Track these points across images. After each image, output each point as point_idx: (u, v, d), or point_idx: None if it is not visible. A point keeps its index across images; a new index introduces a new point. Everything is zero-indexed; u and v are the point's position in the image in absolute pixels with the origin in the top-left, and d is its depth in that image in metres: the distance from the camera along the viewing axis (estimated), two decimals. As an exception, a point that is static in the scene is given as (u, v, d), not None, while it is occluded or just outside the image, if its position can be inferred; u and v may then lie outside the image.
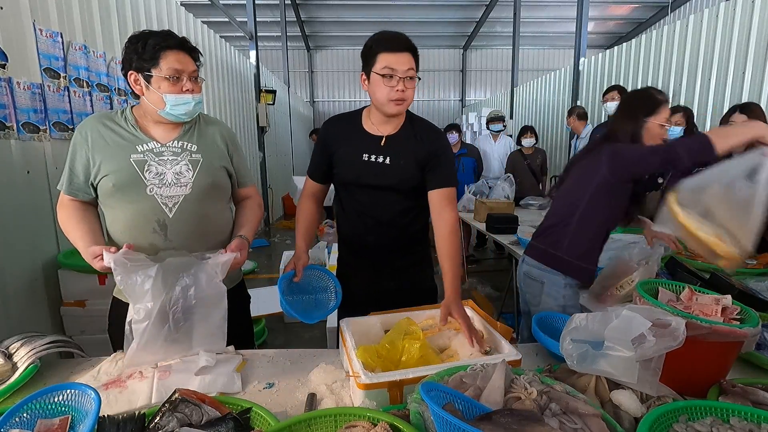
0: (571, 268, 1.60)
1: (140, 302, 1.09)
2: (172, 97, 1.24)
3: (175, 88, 1.24)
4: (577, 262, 1.59)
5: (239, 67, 6.12)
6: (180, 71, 1.24)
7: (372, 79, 1.33)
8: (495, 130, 5.21)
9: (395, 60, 1.28)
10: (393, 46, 1.29)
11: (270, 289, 3.38)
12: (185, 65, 1.25)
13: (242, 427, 0.84)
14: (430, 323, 1.29)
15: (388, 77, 1.29)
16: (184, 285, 1.12)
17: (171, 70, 1.22)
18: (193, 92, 1.27)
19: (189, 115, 1.29)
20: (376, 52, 1.30)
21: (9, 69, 2.02)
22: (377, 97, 1.33)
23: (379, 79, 1.30)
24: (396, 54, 1.28)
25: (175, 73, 1.23)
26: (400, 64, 1.28)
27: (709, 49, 3.85)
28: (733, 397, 0.89)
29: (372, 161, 1.41)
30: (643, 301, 1.06)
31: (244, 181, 1.48)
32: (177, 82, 1.24)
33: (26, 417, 0.83)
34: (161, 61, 1.21)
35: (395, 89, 1.30)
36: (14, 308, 2.01)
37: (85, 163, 1.26)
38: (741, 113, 2.27)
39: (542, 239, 1.70)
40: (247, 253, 1.33)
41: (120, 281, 1.09)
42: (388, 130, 1.42)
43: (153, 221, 1.27)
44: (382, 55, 1.29)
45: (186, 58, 1.26)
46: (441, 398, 0.79)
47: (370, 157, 1.41)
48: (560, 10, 10.75)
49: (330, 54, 13.51)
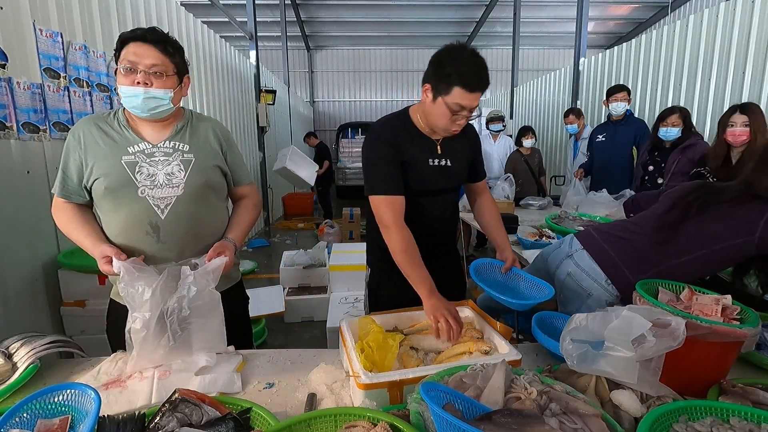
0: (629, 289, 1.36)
1: (138, 311, 1.09)
2: (123, 88, 1.20)
3: (126, 80, 1.19)
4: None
5: (239, 67, 6.11)
6: (134, 63, 1.18)
7: (438, 103, 1.27)
8: (495, 130, 5.20)
9: (469, 100, 1.25)
10: (473, 86, 1.23)
11: (270, 289, 3.39)
12: (141, 57, 1.18)
13: (242, 427, 0.84)
14: (430, 323, 1.29)
15: (457, 113, 1.27)
16: (179, 296, 1.11)
17: (124, 61, 1.19)
18: (148, 86, 1.19)
19: (140, 110, 1.22)
20: (453, 82, 1.23)
21: (9, 69, 2.02)
22: (437, 122, 1.32)
23: (447, 111, 1.27)
24: (472, 94, 1.24)
25: (128, 64, 1.18)
26: (471, 102, 1.26)
27: (709, 49, 3.85)
28: (733, 397, 0.89)
29: (437, 165, 1.40)
30: (643, 301, 1.06)
31: (240, 180, 1.46)
32: (130, 73, 1.19)
33: (26, 417, 0.83)
34: (122, 52, 1.20)
35: (457, 123, 1.29)
36: (14, 308, 2.01)
37: (78, 166, 1.25)
38: (741, 113, 2.27)
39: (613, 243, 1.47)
40: (233, 255, 1.31)
41: (122, 288, 1.10)
42: (439, 135, 1.41)
43: (145, 223, 1.25)
44: (458, 90, 1.23)
45: (146, 50, 1.19)
46: (441, 398, 0.79)
47: (433, 161, 1.40)
48: (560, 10, 10.75)
49: (330, 54, 13.51)
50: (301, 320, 3.41)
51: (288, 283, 3.60)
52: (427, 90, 1.30)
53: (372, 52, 13.41)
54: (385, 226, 1.33)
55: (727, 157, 2.33)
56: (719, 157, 2.33)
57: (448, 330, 1.16)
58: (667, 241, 1.36)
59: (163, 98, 1.23)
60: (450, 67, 1.23)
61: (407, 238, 1.31)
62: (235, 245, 1.36)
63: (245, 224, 1.44)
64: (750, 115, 2.24)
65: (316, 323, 3.36)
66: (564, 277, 1.54)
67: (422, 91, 1.32)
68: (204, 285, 1.14)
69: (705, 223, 1.33)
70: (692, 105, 3.97)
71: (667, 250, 1.36)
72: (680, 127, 2.85)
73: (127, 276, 1.10)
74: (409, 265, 1.28)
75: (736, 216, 1.30)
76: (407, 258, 1.29)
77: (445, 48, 1.28)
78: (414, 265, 1.28)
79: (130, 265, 1.12)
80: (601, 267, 1.45)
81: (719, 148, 2.34)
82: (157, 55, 1.20)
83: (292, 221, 7.58)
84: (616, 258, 1.44)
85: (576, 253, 1.52)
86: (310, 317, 3.42)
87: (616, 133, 3.84)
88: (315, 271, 3.60)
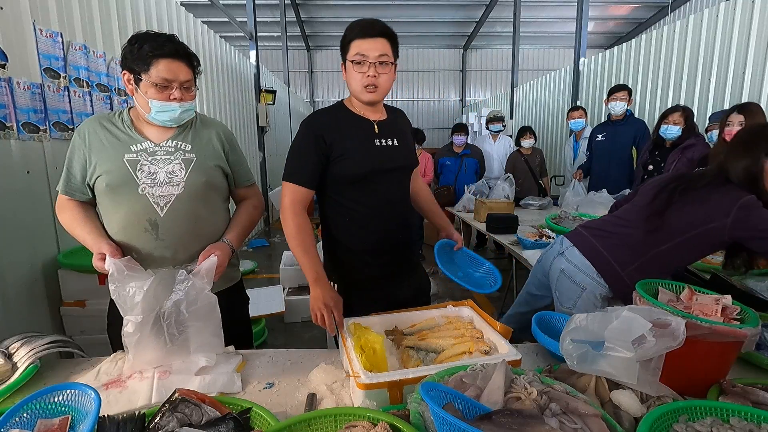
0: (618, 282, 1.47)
1: (130, 314, 1.08)
2: (158, 103, 1.22)
3: (161, 95, 1.22)
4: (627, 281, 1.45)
5: (239, 67, 6.12)
6: (169, 80, 1.22)
7: (348, 68, 1.31)
8: (494, 130, 5.20)
9: (367, 46, 1.26)
10: (365, 32, 1.27)
11: (270, 289, 3.38)
12: (176, 74, 1.22)
13: (242, 427, 0.84)
14: (431, 323, 1.29)
15: (359, 63, 1.27)
16: (175, 300, 1.11)
17: (160, 78, 1.20)
18: (182, 100, 1.25)
19: (174, 121, 1.29)
20: (349, 39, 1.28)
21: (9, 69, 2.02)
22: (354, 86, 1.32)
23: (353, 67, 1.29)
24: (368, 40, 1.26)
25: (164, 82, 1.21)
26: (371, 50, 1.26)
27: (709, 49, 3.85)
28: (733, 397, 0.89)
29: (385, 145, 1.38)
30: (644, 301, 1.06)
31: (241, 181, 1.47)
32: (165, 89, 1.22)
33: (26, 417, 0.83)
34: (152, 67, 1.20)
35: (366, 75, 1.28)
36: (14, 308, 2.01)
37: (82, 164, 1.27)
38: (740, 113, 2.27)
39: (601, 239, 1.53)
40: (227, 255, 1.31)
41: (113, 290, 1.09)
42: (378, 117, 1.41)
43: (144, 221, 1.26)
44: (355, 42, 1.27)
45: (179, 67, 1.23)
46: (441, 398, 0.79)
47: (379, 141, 1.38)
48: (560, 10, 10.75)
49: (330, 54, 13.51)
50: (301, 320, 3.41)
51: (288, 283, 3.60)
52: (342, 66, 1.34)
53: (372, 52, 13.41)
54: (283, 211, 1.34)
55: None
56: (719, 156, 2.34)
57: (322, 322, 1.22)
58: (657, 228, 1.42)
59: (191, 110, 1.31)
60: (345, 31, 1.30)
61: (302, 224, 1.32)
62: (232, 246, 1.36)
63: (243, 225, 1.43)
64: (747, 115, 2.24)
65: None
66: (558, 275, 1.60)
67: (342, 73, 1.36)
68: (200, 288, 1.14)
69: (686, 206, 1.39)
70: (692, 105, 3.96)
71: (655, 237, 1.42)
72: (681, 126, 2.84)
73: (117, 275, 1.10)
74: (299, 248, 1.30)
75: (711, 200, 1.35)
76: (298, 241, 1.30)
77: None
78: (304, 249, 1.30)
79: (121, 264, 1.11)
80: (590, 261, 1.51)
81: (719, 148, 2.35)
82: (187, 71, 1.26)
83: (292, 221, 7.56)
84: (604, 251, 1.50)
85: (567, 251, 1.59)
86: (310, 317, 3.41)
87: (616, 133, 3.83)
88: (315, 271, 3.59)
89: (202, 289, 1.14)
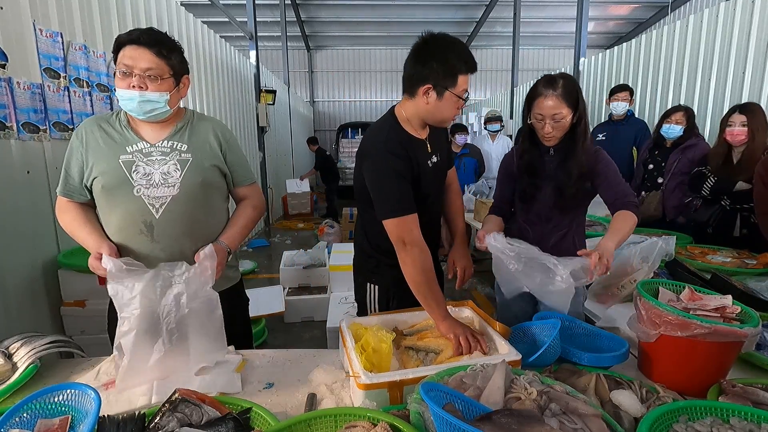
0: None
1: (126, 309, 1.06)
2: (120, 92, 1.21)
3: (123, 83, 1.20)
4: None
5: (239, 67, 6.11)
6: (129, 66, 1.19)
7: (446, 97, 1.25)
8: (492, 130, 5.19)
9: (468, 81, 1.27)
10: (472, 67, 1.26)
11: (270, 289, 3.38)
12: (136, 61, 1.19)
13: (242, 427, 0.84)
14: (431, 323, 1.29)
15: (462, 98, 1.27)
16: (176, 292, 1.09)
17: (121, 64, 1.20)
18: (143, 89, 1.20)
19: (140, 113, 1.23)
20: (458, 71, 1.23)
21: (9, 69, 2.02)
22: (446, 116, 1.31)
23: (456, 101, 1.27)
24: (469, 76, 1.27)
25: (125, 68, 1.19)
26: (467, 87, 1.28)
27: (709, 49, 3.85)
28: (733, 397, 0.89)
29: (433, 164, 1.39)
30: (644, 301, 1.06)
31: (240, 180, 1.44)
32: (127, 77, 1.20)
33: (26, 417, 0.83)
34: (119, 54, 1.20)
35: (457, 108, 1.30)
36: (14, 308, 2.01)
37: (80, 165, 1.26)
38: (740, 113, 2.27)
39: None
40: (223, 257, 1.28)
41: (111, 288, 1.08)
42: (425, 134, 1.40)
43: (140, 222, 1.25)
44: (463, 77, 1.25)
45: (142, 54, 1.19)
46: (441, 398, 0.79)
47: (429, 161, 1.38)
48: (560, 10, 10.75)
49: (330, 54, 13.51)
50: (301, 320, 3.41)
51: (288, 283, 3.60)
52: (428, 90, 1.24)
53: (372, 52, 13.40)
54: (409, 245, 1.25)
55: (728, 156, 2.35)
56: (720, 157, 2.35)
57: (467, 346, 1.15)
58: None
59: (158, 101, 1.23)
60: (453, 59, 1.22)
61: (429, 258, 1.28)
62: (228, 247, 1.33)
63: (240, 225, 1.41)
64: (749, 115, 2.25)
65: (316, 323, 3.36)
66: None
67: (418, 95, 1.27)
68: (201, 283, 1.12)
69: None
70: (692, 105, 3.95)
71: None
72: (683, 125, 2.84)
73: (115, 271, 1.08)
74: (426, 285, 1.25)
75: None
76: (426, 278, 1.25)
77: (425, 44, 1.25)
78: (431, 286, 1.25)
79: (120, 262, 1.10)
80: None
81: (720, 148, 2.37)
82: (152, 58, 1.20)
83: (292, 221, 7.58)
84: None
85: None
86: (310, 317, 3.42)
87: (617, 132, 3.83)
88: (315, 271, 3.60)
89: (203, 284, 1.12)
